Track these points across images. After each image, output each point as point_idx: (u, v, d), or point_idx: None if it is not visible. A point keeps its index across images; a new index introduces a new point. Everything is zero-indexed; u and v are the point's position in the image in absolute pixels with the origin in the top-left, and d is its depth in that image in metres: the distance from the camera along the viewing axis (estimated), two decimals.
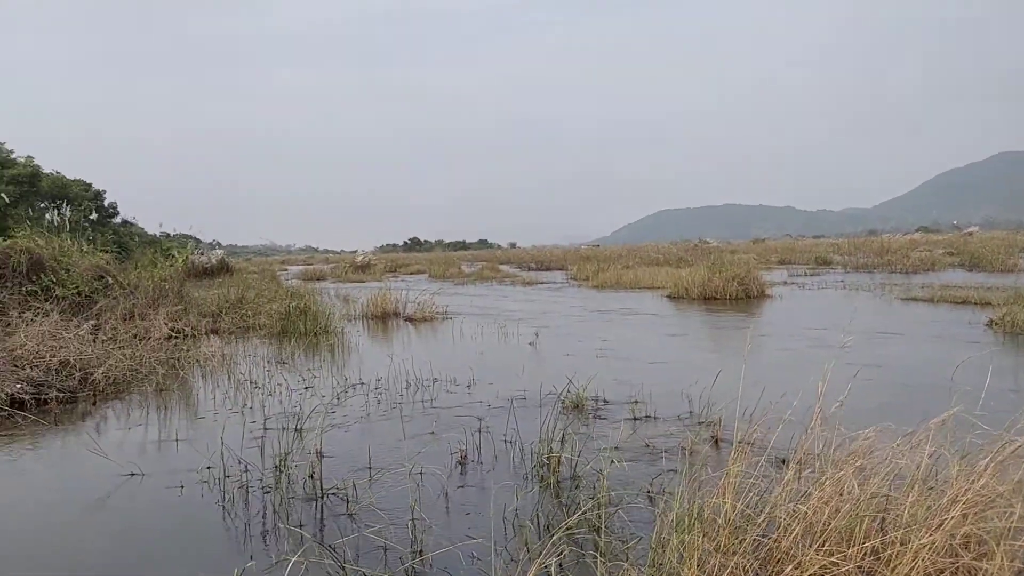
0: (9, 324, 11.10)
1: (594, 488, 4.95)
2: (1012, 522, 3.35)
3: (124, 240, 35.51)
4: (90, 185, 40.52)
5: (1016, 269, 28.44)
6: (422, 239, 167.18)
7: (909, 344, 11.29)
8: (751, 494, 3.80)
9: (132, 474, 5.79)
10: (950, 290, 18.68)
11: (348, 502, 5.00)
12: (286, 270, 51.72)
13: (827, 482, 3.61)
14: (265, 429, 7.00)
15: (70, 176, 40.00)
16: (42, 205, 34.12)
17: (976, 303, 16.32)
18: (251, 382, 9.36)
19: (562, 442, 5.63)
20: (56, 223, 17.46)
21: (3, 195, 26.78)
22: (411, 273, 45.76)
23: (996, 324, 12.68)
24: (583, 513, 4.28)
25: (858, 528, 3.41)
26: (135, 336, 12.24)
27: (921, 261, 31.72)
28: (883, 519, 3.54)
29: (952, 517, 3.27)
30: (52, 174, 38.39)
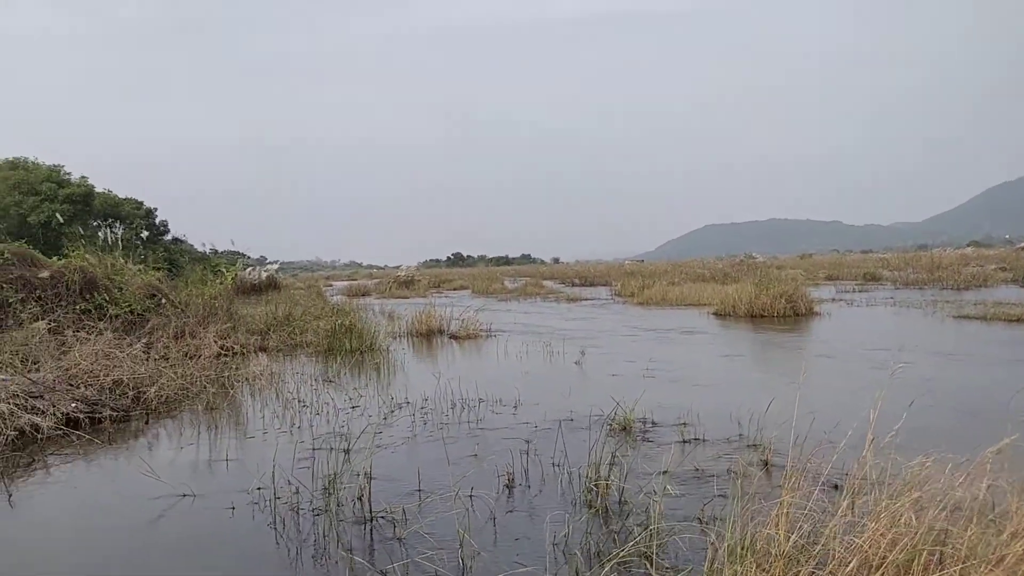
0: (64, 343, 11.33)
1: (644, 514, 4.92)
2: None
3: (175, 257, 36.14)
4: (142, 203, 41.28)
5: None
6: (465, 254, 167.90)
7: (962, 365, 11.07)
8: (805, 524, 3.75)
9: (184, 495, 5.87)
10: (1003, 307, 18.29)
11: (397, 526, 5.02)
12: (331, 286, 52.17)
13: (883, 514, 3.55)
14: (314, 449, 7.05)
15: (122, 195, 40.78)
16: (95, 223, 34.83)
17: None
18: (299, 401, 9.45)
19: (611, 466, 5.60)
20: (109, 242, 17.80)
21: (58, 215, 27.40)
22: (454, 289, 45.92)
23: None
24: (635, 543, 4.24)
25: (916, 562, 3.35)
26: (186, 354, 12.43)
27: (973, 277, 31.11)
28: (941, 553, 3.47)
29: (1013, 553, 3.21)
30: (105, 193, 39.18)
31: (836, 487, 5.10)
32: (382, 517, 5.18)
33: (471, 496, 5.55)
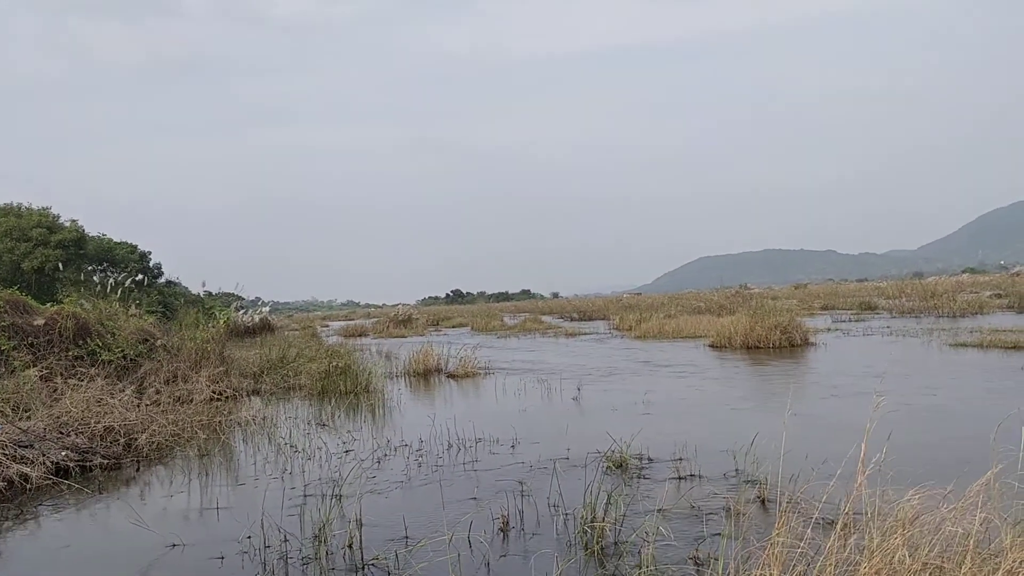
0: (55, 390, 11.24)
1: (639, 555, 4.85)
2: None
3: (168, 300, 36.07)
4: (135, 247, 41.28)
5: None
6: (464, 291, 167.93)
7: (958, 395, 11.03)
8: (799, 565, 3.68)
9: (173, 545, 5.78)
10: (1000, 334, 18.23)
11: (390, 574, 4.94)
12: (327, 326, 52.09)
13: (876, 552, 3.49)
14: (305, 496, 6.96)
15: (116, 239, 40.80)
16: (89, 268, 34.78)
17: None
18: (291, 446, 9.34)
19: (606, 506, 5.53)
20: (102, 286, 17.76)
21: (49, 263, 27.50)
22: (453, 326, 45.89)
23: None
24: None
25: None
26: (178, 399, 12.35)
27: (968, 304, 31.10)
28: None
29: None
30: (98, 237, 39.21)
31: (832, 523, 5.03)
32: (373, 565, 5.09)
33: (466, 540, 5.47)
